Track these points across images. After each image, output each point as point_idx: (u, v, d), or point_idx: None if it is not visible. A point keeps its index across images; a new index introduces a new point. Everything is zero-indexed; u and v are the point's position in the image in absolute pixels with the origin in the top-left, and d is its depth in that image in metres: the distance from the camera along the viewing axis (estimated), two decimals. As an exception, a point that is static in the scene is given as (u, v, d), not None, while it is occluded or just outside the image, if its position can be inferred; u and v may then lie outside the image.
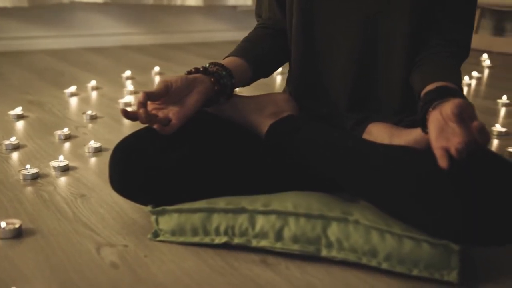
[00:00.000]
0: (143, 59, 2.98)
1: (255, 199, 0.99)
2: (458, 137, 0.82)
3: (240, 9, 3.81)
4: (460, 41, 1.13)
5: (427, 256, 0.88)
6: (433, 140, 0.87)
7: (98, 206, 1.14)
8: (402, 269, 0.89)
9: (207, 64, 1.10)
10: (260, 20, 1.27)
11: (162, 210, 1.00)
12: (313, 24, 1.16)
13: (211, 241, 0.98)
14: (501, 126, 1.76)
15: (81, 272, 0.90)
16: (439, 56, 1.10)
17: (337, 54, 1.16)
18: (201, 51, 3.33)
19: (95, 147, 1.47)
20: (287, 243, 0.94)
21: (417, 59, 1.12)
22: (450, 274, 0.87)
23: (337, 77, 1.17)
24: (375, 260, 0.90)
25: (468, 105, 0.84)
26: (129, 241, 0.99)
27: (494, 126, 1.76)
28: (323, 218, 0.93)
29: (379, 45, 1.13)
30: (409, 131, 1.04)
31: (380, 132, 1.08)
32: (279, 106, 1.13)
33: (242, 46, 1.20)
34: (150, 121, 0.99)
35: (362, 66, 1.15)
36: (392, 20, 1.11)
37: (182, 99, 1.03)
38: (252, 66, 1.16)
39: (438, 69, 1.07)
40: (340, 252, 0.92)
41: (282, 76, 2.50)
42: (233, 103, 1.12)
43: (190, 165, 1.02)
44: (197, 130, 1.06)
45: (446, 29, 1.12)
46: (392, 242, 0.89)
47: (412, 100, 1.15)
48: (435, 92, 0.97)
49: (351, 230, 0.92)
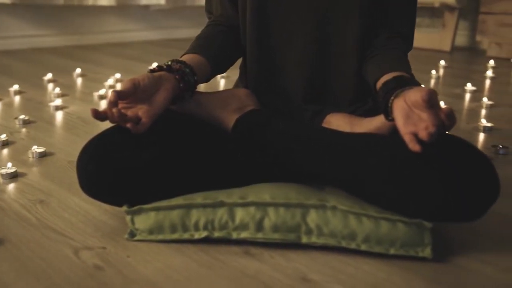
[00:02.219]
0: (60, 61, 2.88)
1: (231, 192, 1.01)
2: (428, 121, 0.89)
3: (153, 9, 3.78)
4: (405, 34, 1.20)
5: (402, 235, 0.93)
6: (401, 126, 0.93)
7: (62, 211, 1.11)
8: (380, 249, 0.94)
9: (169, 62, 1.10)
10: (212, 17, 1.29)
11: (139, 210, 0.99)
12: (268, 20, 1.19)
13: (191, 236, 0.98)
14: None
15: (66, 276, 0.87)
16: (389, 48, 1.17)
17: (292, 49, 1.20)
18: (117, 51, 3.27)
19: (40, 152, 1.42)
20: (267, 233, 0.97)
21: (368, 52, 1.18)
22: (424, 250, 0.93)
23: (292, 71, 1.21)
24: (354, 243, 0.95)
25: (434, 92, 0.91)
26: (105, 243, 0.98)
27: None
28: (302, 206, 0.97)
29: (332, 40, 1.18)
30: (369, 120, 1.09)
31: (340, 122, 1.13)
32: (241, 101, 1.15)
33: (198, 43, 1.21)
34: (123, 120, 0.98)
35: (316, 60, 1.20)
36: (343, 16, 1.17)
37: (149, 98, 1.03)
38: (210, 62, 1.17)
39: (390, 61, 1.14)
40: (320, 237, 0.96)
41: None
42: (197, 100, 1.13)
43: (162, 164, 1.01)
44: (165, 128, 1.05)
45: (393, 23, 1.19)
46: (369, 225, 0.94)
47: (364, 91, 1.22)
48: (394, 81, 1.03)
49: (330, 216, 0.96)
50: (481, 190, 0.90)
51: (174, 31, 3.96)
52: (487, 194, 0.90)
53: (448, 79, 2.71)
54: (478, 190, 0.89)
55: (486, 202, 0.91)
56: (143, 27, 3.80)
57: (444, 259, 0.94)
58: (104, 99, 2.08)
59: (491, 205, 0.91)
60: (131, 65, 2.82)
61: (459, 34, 3.79)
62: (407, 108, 0.95)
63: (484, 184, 0.90)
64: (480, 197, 0.90)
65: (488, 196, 0.90)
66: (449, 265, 0.93)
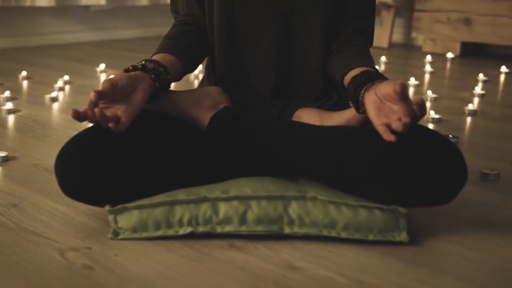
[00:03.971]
0: (3, 64, 2.80)
1: (212, 188, 1.03)
2: (401, 112, 0.94)
3: (93, 9, 3.72)
4: (365, 31, 1.26)
5: (379, 222, 0.99)
6: (374, 118, 0.99)
7: (38, 214, 1.09)
8: (359, 236, 0.99)
9: (143, 61, 1.11)
10: (178, 16, 1.30)
11: (121, 209, 1.00)
12: (234, 19, 1.22)
13: (175, 232, 1.00)
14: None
15: (56, 277, 0.87)
16: (352, 44, 1.23)
17: (258, 47, 1.24)
18: (60, 53, 3.21)
19: (2, 156, 1.39)
20: (251, 225, 1.00)
21: (332, 48, 1.23)
22: (400, 234, 0.99)
23: (259, 69, 1.25)
24: (335, 231, 0.99)
25: (405, 85, 0.96)
26: (90, 244, 0.98)
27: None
28: (283, 198, 1.00)
29: (297, 38, 1.23)
30: (339, 113, 1.14)
31: (310, 116, 1.18)
32: (214, 99, 1.18)
33: (168, 42, 1.22)
34: (104, 120, 0.98)
35: (282, 58, 1.24)
36: (308, 14, 1.21)
37: (126, 97, 1.04)
38: (181, 61, 1.19)
39: (355, 56, 1.19)
40: (301, 227, 1.00)
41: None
42: (171, 99, 1.14)
43: (141, 163, 1.02)
44: (141, 127, 1.06)
45: (354, 20, 1.24)
46: (348, 213, 0.99)
47: (329, 86, 1.27)
48: (362, 76, 1.08)
49: (310, 206, 1.00)
50: (452, 176, 0.96)
51: (116, 32, 3.91)
52: (457, 180, 0.97)
53: (390, 74, 2.80)
54: (449, 176, 0.96)
55: (456, 187, 0.97)
56: (83, 28, 3.73)
57: (418, 242, 1.00)
58: (56, 102, 2.05)
59: (460, 190, 0.98)
60: (76, 67, 2.77)
61: (395, 31, 3.94)
62: (378, 100, 1.00)
63: (454, 170, 0.96)
64: (451, 182, 0.96)
65: (458, 181, 0.97)
66: (423, 247, 0.99)
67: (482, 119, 1.96)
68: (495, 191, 1.28)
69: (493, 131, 1.82)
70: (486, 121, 1.95)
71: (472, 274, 0.91)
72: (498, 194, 1.26)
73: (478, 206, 1.17)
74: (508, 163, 1.46)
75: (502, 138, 1.73)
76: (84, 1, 3.58)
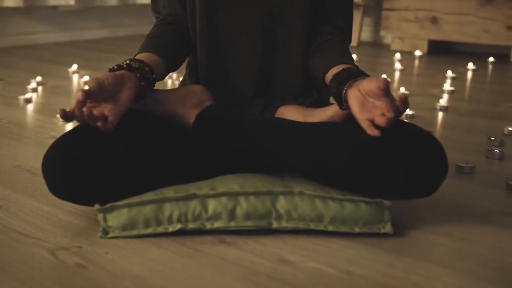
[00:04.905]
0: (-29, 65, 2.76)
1: (200, 185, 1.05)
2: (385, 108, 0.97)
3: (62, 9, 3.67)
4: (344, 29, 1.29)
5: (365, 214, 1.01)
6: (358, 114, 1.01)
7: (24, 215, 1.09)
8: (345, 229, 1.01)
9: (127, 61, 1.12)
10: (160, 16, 1.31)
11: (111, 207, 1.01)
12: (216, 18, 1.24)
13: (165, 230, 1.01)
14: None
15: (49, 276, 0.87)
16: (332, 43, 1.25)
17: (240, 46, 1.25)
18: (30, 54, 3.16)
19: (-18, 158, 1.37)
20: (240, 221, 1.01)
21: (313, 46, 1.25)
22: (385, 226, 1.02)
23: (242, 68, 1.26)
24: (322, 225, 1.02)
25: (388, 81, 0.99)
26: (80, 242, 0.98)
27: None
28: (271, 193, 1.02)
29: (279, 37, 1.25)
30: (322, 110, 1.16)
31: (292, 114, 1.20)
32: (198, 97, 1.19)
33: (151, 42, 1.23)
34: (92, 119, 0.99)
35: (264, 56, 1.26)
36: (289, 13, 1.23)
37: (113, 96, 1.04)
38: (165, 60, 1.19)
39: (336, 54, 1.22)
40: (289, 222, 1.02)
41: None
42: (156, 97, 1.15)
43: (128, 161, 1.03)
44: (127, 126, 1.07)
45: (333, 20, 1.27)
46: (335, 207, 1.02)
47: (309, 84, 1.29)
48: (345, 73, 1.11)
49: (298, 201, 1.02)
50: (434, 169, 1.00)
51: (85, 32, 3.87)
52: (439, 172, 1.00)
53: (361, 72, 2.86)
54: (432, 169, 0.99)
55: (438, 180, 1.01)
56: (52, 29, 3.69)
57: (402, 233, 1.03)
58: (30, 103, 2.03)
59: (442, 182, 1.02)
60: (48, 68, 2.74)
61: (364, 30, 4.00)
62: (361, 97, 1.02)
63: (437, 163, 1.00)
64: (433, 175, 1.00)
65: (440, 174, 1.00)
66: (407, 238, 1.02)
67: (453, 115, 2.02)
68: (471, 183, 1.32)
69: (464, 126, 1.87)
70: (457, 116, 2.00)
71: (455, 262, 0.94)
72: (474, 186, 1.30)
73: (456, 198, 1.21)
74: (481, 156, 1.51)
75: (473, 132, 1.78)
76: (52, 1, 3.54)
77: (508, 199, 1.23)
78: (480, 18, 3.30)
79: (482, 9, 3.29)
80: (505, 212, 1.16)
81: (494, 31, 3.27)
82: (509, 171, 1.40)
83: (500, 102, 2.23)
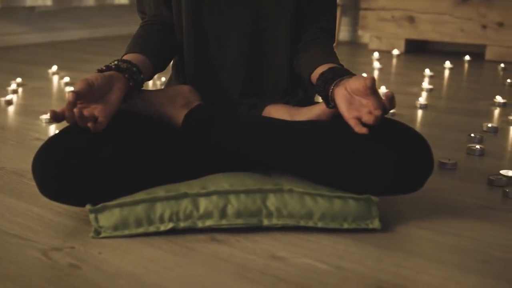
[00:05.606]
0: None
1: (191, 184, 1.06)
2: (372, 106, 0.99)
3: (39, 10, 3.64)
4: (329, 29, 1.31)
5: (353, 211, 1.04)
6: (345, 112, 1.03)
7: (13, 217, 1.09)
8: (335, 225, 1.03)
9: (115, 61, 1.12)
10: (146, 17, 1.31)
11: (102, 207, 1.01)
12: (203, 19, 1.25)
13: (157, 229, 1.02)
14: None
15: (43, 277, 0.88)
16: (317, 42, 1.27)
17: (228, 46, 1.27)
18: (7, 55, 3.14)
19: (-34, 161, 1.36)
20: (231, 219, 1.03)
21: (299, 46, 1.27)
22: (373, 222, 1.04)
23: (229, 68, 1.27)
24: (312, 221, 1.03)
25: (374, 80, 1.01)
26: (72, 243, 0.98)
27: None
28: (261, 191, 1.04)
29: (265, 37, 1.26)
30: (309, 108, 1.18)
31: (279, 112, 1.21)
32: (186, 97, 1.20)
33: (137, 42, 1.23)
34: (83, 120, 0.99)
35: (251, 56, 1.27)
36: (275, 14, 1.25)
37: (103, 97, 1.05)
38: (152, 61, 1.20)
39: (321, 54, 1.24)
40: (280, 219, 1.03)
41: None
42: (144, 98, 1.16)
43: (119, 162, 1.04)
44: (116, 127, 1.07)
45: (318, 19, 1.29)
46: (324, 203, 1.03)
47: (295, 83, 1.31)
48: (331, 72, 1.13)
49: (287, 198, 1.04)
50: (421, 165, 1.02)
51: (63, 33, 3.84)
52: (426, 168, 1.03)
53: (341, 71, 2.89)
54: (419, 165, 1.02)
55: (424, 176, 1.03)
56: (30, 30, 3.66)
57: (389, 228, 1.06)
58: (12, 105, 2.01)
59: (428, 178, 1.04)
60: (27, 69, 2.72)
61: (342, 30, 4.04)
62: (348, 95, 1.05)
63: (423, 159, 1.02)
64: (421, 171, 1.02)
65: (426, 170, 1.03)
66: (394, 233, 1.04)
67: (432, 112, 2.06)
68: (453, 179, 1.35)
69: (444, 123, 1.91)
70: (436, 114, 2.04)
71: (442, 255, 0.96)
72: (456, 181, 1.34)
73: (439, 194, 1.24)
74: (462, 153, 1.54)
75: (453, 129, 1.82)
76: (29, 2, 3.50)
77: (489, 194, 1.26)
78: (456, 18, 3.36)
79: (458, 9, 3.35)
80: (487, 207, 1.19)
81: (469, 30, 3.34)
82: (489, 166, 1.44)
83: (477, 100, 2.28)
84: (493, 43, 3.28)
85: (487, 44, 3.30)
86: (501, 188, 1.27)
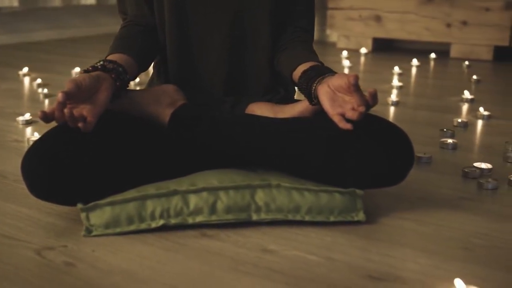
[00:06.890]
0: None
1: (180, 181, 1.08)
2: (356, 102, 1.03)
3: (5, 11, 3.59)
4: (308, 28, 1.35)
5: (339, 204, 1.07)
6: (329, 108, 1.07)
7: (2, 217, 1.09)
8: (321, 218, 1.07)
9: (101, 62, 1.13)
10: (127, 17, 1.32)
11: (94, 206, 1.02)
12: (186, 18, 1.27)
13: (148, 226, 1.03)
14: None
15: (39, 276, 0.89)
16: (298, 41, 1.31)
17: (210, 46, 1.29)
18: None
19: None
20: (221, 214, 1.05)
21: (279, 45, 1.30)
22: (358, 214, 1.08)
23: (211, 67, 1.30)
24: (299, 215, 1.07)
25: (357, 77, 1.05)
26: (64, 242, 0.99)
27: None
28: (250, 187, 1.06)
29: (247, 36, 1.29)
30: (291, 106, 1.21)
31: (263, 110, 1.24)
32: (172, 96, 1.22)
33: (121, 43, 1.24)
34: (73, 120, 1.00)
35: (233, 55, 1.29)
36: (255, 14, 1.28)
37: (90, 97, 1.06)
38: (136, 60, 1.21)
39: (302, 52, 1.27)
40: (268, 213, 1.06)
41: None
42: (130, 97, 1.17)
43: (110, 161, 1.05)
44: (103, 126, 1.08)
45: (297, 19, 1.32)
46: (311, 197, 1.07)
47: (276, 81, 1.34)
48: (313, 70, 1.16)
49: (275, 193, 1.07)
50: (403, 158, 1.06)
51: (30, 34, 3.79)
52: (407, 161, 1.07)
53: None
54: (401, 158, 1.06)
55: (406, 169, 1.07)
56: (-4, 31, 3.60)
57: (374, 220, 1.09)
58: (-15, 107, 1.99)
59: (409, 171, 1.08)
60: (-3, 71, 2.69)
61: (310, 29, 4.08)
62: (331, 92, 1.08)
63: (405, 153, 1.07)
64: (402, 164, 1.06)
65: (408, 163, 1.07)
66: (379, 224, 1.08)
67: (403, 109, 2.11)
68: (429, 172, 1.40)
69: (416, 119, 1.97)
70: (407, 110, 2.10)
71: (427, 245, 1.01)
72: (433, 174, 1.38)
73: (418, 186, 1.29)
74: (436, 147, 1.60)
75: (425, 125, 1.88)
76: (-6, 3, 3.46)
77: (464, 185, 1.31)
78: (421, 17, 3.44)
79: (423, 8, 3.43)
80: (463, 197, 1.24)
81: (434, 29, 3.42)
82: (462, 159, 1.50)
83: (445, 96, 2.35)
84: (457, 41, 3.37)
85: (452, 42, 3.39)
86: (476, 180, 1.32)
